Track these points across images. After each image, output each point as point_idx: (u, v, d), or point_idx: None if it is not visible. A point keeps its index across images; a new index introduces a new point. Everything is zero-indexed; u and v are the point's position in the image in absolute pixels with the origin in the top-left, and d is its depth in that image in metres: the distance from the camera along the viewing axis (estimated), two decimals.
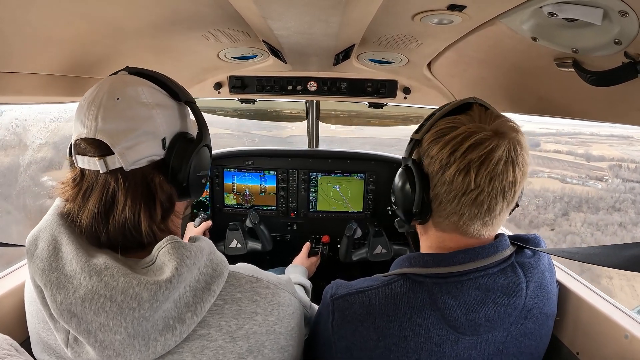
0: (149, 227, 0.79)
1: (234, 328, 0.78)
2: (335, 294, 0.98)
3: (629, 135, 7.79)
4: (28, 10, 0.81)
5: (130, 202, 0.77)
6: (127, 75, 0.84)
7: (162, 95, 0.85)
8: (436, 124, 0.93)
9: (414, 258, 0.98)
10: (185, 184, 0.85)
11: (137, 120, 0.78)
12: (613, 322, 1.03)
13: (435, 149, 0.90)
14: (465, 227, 0.92)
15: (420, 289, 0.91)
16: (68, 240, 0.75)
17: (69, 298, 0.68)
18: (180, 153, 0.84)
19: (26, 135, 2.91)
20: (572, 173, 7.14)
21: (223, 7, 0.95)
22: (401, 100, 1.96)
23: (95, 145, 0.76)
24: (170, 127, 0.84)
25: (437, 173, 0.90)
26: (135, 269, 0.73)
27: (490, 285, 0.90)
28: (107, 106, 0.76)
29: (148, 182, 0.80)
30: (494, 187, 0.86)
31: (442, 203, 0.91)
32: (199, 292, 0.75)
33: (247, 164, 2.41)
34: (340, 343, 0.93)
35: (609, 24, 0.72)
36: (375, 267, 1.99)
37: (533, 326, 0.95)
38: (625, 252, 0.84)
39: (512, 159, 0.86)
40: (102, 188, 0.77)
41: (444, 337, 0.88)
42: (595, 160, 7.44)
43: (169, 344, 0.70)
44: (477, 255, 0.91)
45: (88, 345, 0.69)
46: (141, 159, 0.79)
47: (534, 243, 1.01)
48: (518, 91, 1.29)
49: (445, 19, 0.92)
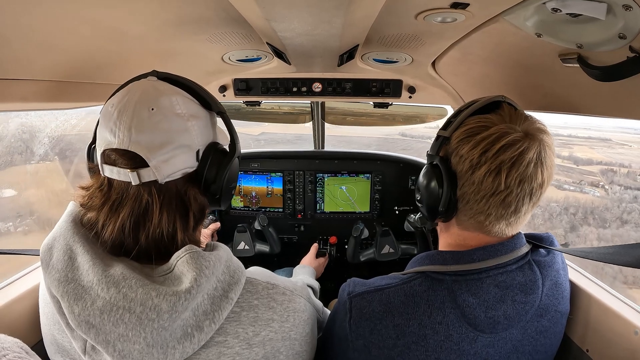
0: (183, 238, 0.79)
1: (250, 335, 0.77)
2: (353, 292, 0.98)
3: (606, 138, 7.61)
4: (32, 17, 0.81)
5: (166, 214, 0.77)
6: (158, 82, 0.82)
7: (195, 105, 0.83)
8: (465, 122, 0.92)
9: (433, 256, 0.98)
10: (218, 195, 0.85)
11: (173, 133, 0.77)
12: (623, 319, 1.02)
13: (466, 148, 0.89)
14: (491, 226, 0.92)
15: (439, 286, 0.91)
16: (83, 250, 0.74)
17: (86, 310, 0.68)
18: (214, 165, 0.83)
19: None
20: (566, 178, 6.93)
21: (227, 10, 0.96)
22: (406, 100, 1.96)
23: (128, 157, 0.74)
24: (204, 138, 0.83)
25: (466, 172, 0.89)
26: (152, 277, 0.73)
27: (509, 283, 0.90)
28: (141, 117, 0.74)
29: (182, 195, 0.80)
30: (523, 188, 0.86)
31: (470, 202, 0.91)
32: (216, 300, 0.74)
33: (254, 166, 2.42)
34: (357, 342, 0.93)
35: (613, 19, 0.71)
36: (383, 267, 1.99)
37: (548, 324, 0.95)
38: (637, 251, 0.85)
39: (541, 160, 0.86)
40: (134, 200, 0.76)
41: (463, 335, 0.88)
42: (584, 164, 7.22)
43: (187, 352, 0.70)
44: (496, 252, 0.91)
45: (106, 354, 0.69)
46: (176, 172, 0.78)
47: (548, 241, 1.00)
48: (523, 88, 1.29)
49: (448, 17, 0.92)
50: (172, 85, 0.82)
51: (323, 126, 2.64)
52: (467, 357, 0.89)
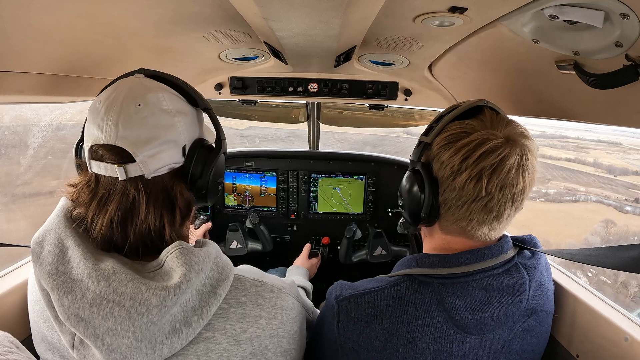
0: (170, 233, 0.80)
1: (238, 331, 0.78)
2: (340, 296, 0.98)
3: (616, 142, 7.34)
4: (29, 10, 0.81)
5: (152, 210, 0.78)
6: (146, 79, 0.83)
7: (182, 101, 0.85)
8: (447, 128, 0.92)
9: (420, 259, 0.98)
10: (204, 190, 0.86)
11: (160, 128, 0.78)
12: (613, 325, 1.03)
13: (447, 154, 0.89)
14: (473, 231, 0.92)
15: (427, 289, 0.91)
16: (74, 244, 0.74)
17: (76, 302, 0.68)
18: (200, 161, 0.84)
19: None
20: (614, 194, 6.09)
21: (224, 8, 0.95)
22: (402, 102, 1.96)
23: (115, 152, 0.75)
24: (190, 134, 0.84)
25: (447, 178, 0.90)
26: (142, 273, 0.73)
27: (496, 286, 0.90)
28: (128, 112, 0.75)
29: (168, 190, 0.81)
30: (505, 194, 0.86)
31: (451, 208, 0.91)
32: (205, 296, 0.74)
33: (248, 164, 2.41)
34: (346, 345, 0.93)
35: (610, 27, 0.72)
36: (375, 269, 1.99)
37: (534, 324, 0.96)
38: (626, 254, 0.85)
39: (522, 166, 0.87)
40: (120, 195, 0.77)
41: (451, 337, 0.88)
42: (621, 174, 6.56)
43: (175, 347, 0.71)
44: (483, 256, 0.92)
45: (95, 348, 0.69)
46: (162, 167, 0.79)
47: (532, 243, 1.02)
48: (519, 93, 1.29)
49: (446, 21, 0.92)
50: (159, 82, 0.83)
51: (318, 126, 2.64)
52: (456, 358, 0.89)
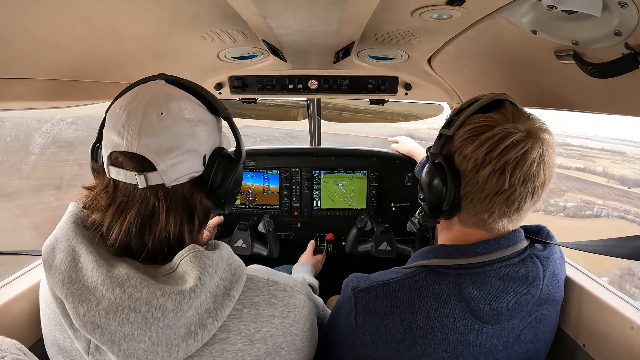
0: (189, 241, 0.80)
1: (252, 331, 0.78)
2: (357, 287, 0.98)
3: (621, 151, 7.19)
4: (27, 16, 0.81)
5: (172, 218, 0.78)
6: (167, 85, 0.82)
7: (203, 110, 0.84)
8: (469, 121, 0.92)
9: (437, 250, 0.98)
10: (223, 200, 0.86)
11: (182, 137, 0.77)
12: (619, 314, 1.03)
13: (470, 147, 0.89)
14: (494, 224, 0.93)
15: (444, 280, 0.91)
16: (86, 251, 0.74)
17: (92, 310, 0.68)
18: (220, 170, 0.84)
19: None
20: (629, 207, 5.83)
21: (222, 8, 0.95)
22: (402, 97, 1.96)
23: (136, 160, 0.75)
24: (210, 143, 0.84)
25: (470, 171, 0.90)
26: (156, 277, 0.73)
27: (512, 275, 0.91)
28: (150, 121, 0.74)
29: (188, 199, 0.81)
30: (526, 187, 0.87)
31: (473, 201, 0.92)
32: (219, 298, 0.75)
33: (250, 163, 2.41)
34: (364, 337, 0.93)
35: (608, 16, 0.72)
36: (381, 264, 1.99)
37: (546, 312, 0.97)
38: (634, 243, 0.85)
39: (543, 160, 0.87)
40: (140, 203, 0.76)
41: (469, 327, 0.89)
42: (634, 185, 6.28)
43: (191, 349, 0.71)
44: (499, 246, 0.93)
45: (111, 353, 0.69)
46: (183, 176, 0.79)
47: (544, 233, 1.02)
48: (519, 85, 1.29)
49: (444, 13, 0.92)
50: (180, 89, 0.83)
51: (319, 123, 2.64)
52: (473, 348, 0.90)
